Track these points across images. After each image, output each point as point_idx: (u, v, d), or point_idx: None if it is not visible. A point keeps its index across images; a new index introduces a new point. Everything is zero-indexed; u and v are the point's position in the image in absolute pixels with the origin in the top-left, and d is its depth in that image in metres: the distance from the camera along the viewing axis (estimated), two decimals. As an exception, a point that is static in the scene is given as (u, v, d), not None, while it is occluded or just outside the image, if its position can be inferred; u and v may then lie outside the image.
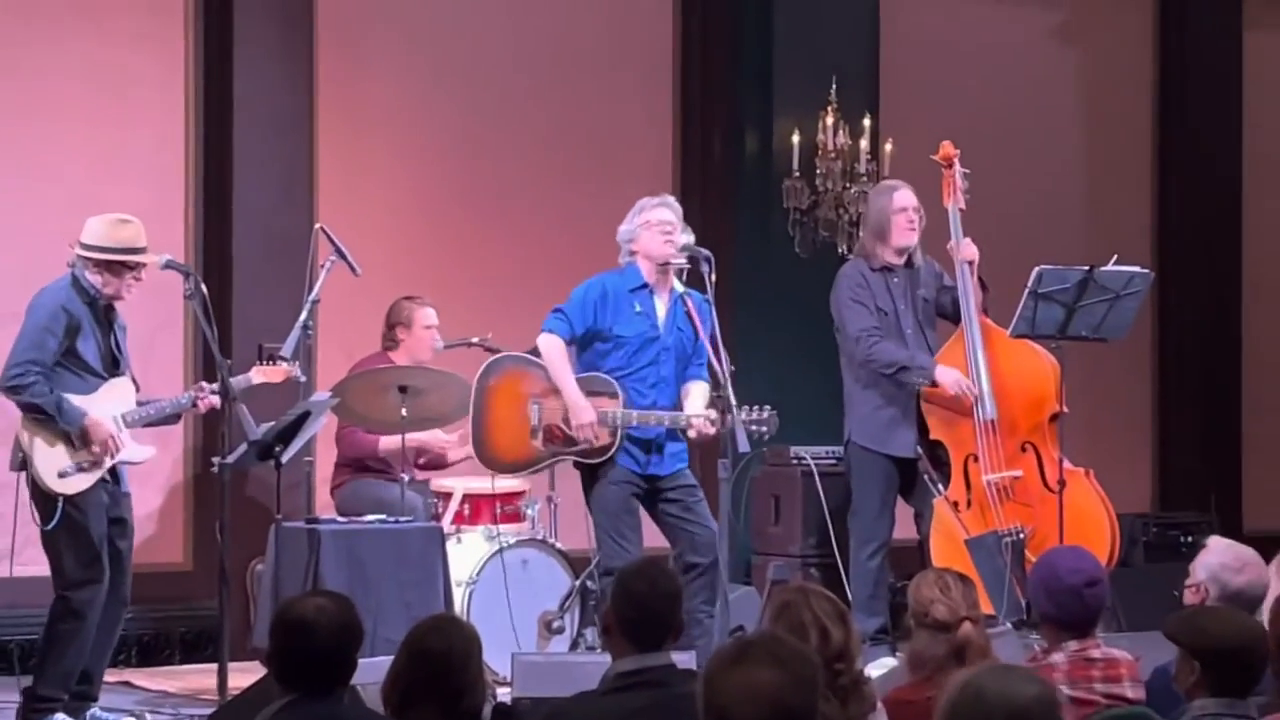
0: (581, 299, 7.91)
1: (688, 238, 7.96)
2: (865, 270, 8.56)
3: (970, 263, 8.54)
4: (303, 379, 8.09)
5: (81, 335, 7.34)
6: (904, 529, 8.72)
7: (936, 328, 8.67)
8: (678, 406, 7.95)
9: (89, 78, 9.14)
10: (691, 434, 7.88)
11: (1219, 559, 5.61)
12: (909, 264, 8.57)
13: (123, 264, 7.38)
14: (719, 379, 7.62)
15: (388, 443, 8.66)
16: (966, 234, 8.63)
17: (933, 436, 8.52)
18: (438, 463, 9.07)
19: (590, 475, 7.95)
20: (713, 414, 7.73)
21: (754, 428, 7.76)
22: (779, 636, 3.43)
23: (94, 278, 7.38)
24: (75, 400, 7.32)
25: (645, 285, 7.94)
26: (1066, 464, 8.46)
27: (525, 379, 8.01)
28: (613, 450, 7.84)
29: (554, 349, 7.90)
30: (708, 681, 3.33)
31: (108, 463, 7.39)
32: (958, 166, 8.70)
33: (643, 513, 8.00)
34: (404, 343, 8.93)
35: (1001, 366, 8.52)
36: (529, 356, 8.08)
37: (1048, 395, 8.53)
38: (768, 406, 7.80)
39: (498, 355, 8.26)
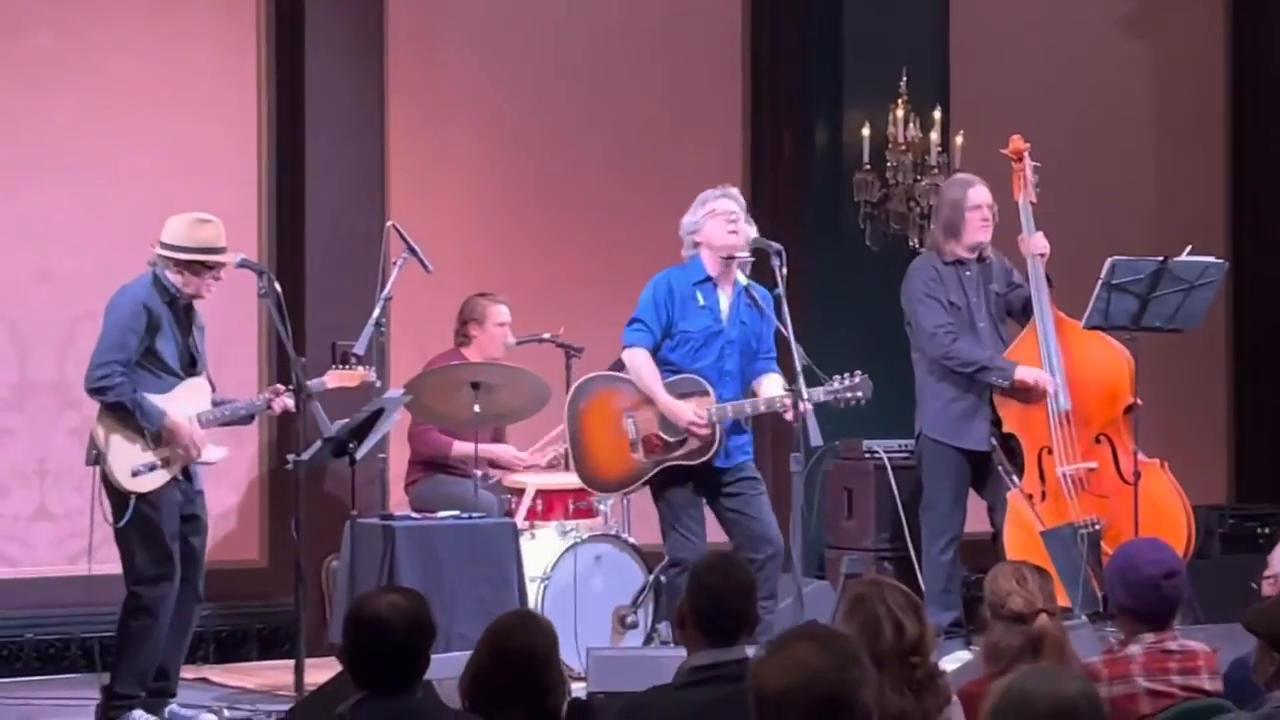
0: (652, 301, 7.90)
1: (751, 229, 7.96)
2: (938, 264, 8.54)
3: (1041, 256, 8.51)
4: (378, 384, 8.13)
5: (161, 334, 7.39)
6: (976, 522, 8.69)
7: (1006, 321, 8.64)
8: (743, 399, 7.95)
9: (163, 79, 9.20)
10: (789, 415, 7.80)
11: (1299, 550, 5.59)
12: (981, 258, 8.55)
13: (202, 264, 7.42)
14: (795, 371, 7.61)
15: (461, 448, 8.69)
16: (1038, 227, 8.60)
17: (1006, 429, 8.49)
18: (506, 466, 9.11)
19: (657, 472, 7.95)
20: (799, 387, 7.70)
21: (848, 394, 7.77)
22: (826, 626, 3.47)
23: (174, 277, 7.43)
24: (154, 400, 7.37)
25: (709, 278, 7.93)
26: (1141, 456, 8.42)
27: (615, 395, 8.00)
28: (716, 447, 7.82)
29: (640, 362, 7.89)
30: (753, 665, 3.38)
31: (184, 462, 7.43)
32: (1028, 160, 8.67)
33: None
34: (476, 339, 8.96)
35: (1075, 359, 8.49)
36: (613, 373, 8.07)
37: (1122, 388, 8.50)
38: (858, 371, 7.79)
39: (583, 378, 8.21)
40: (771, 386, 7.91)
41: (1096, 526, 8.28)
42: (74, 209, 9.01)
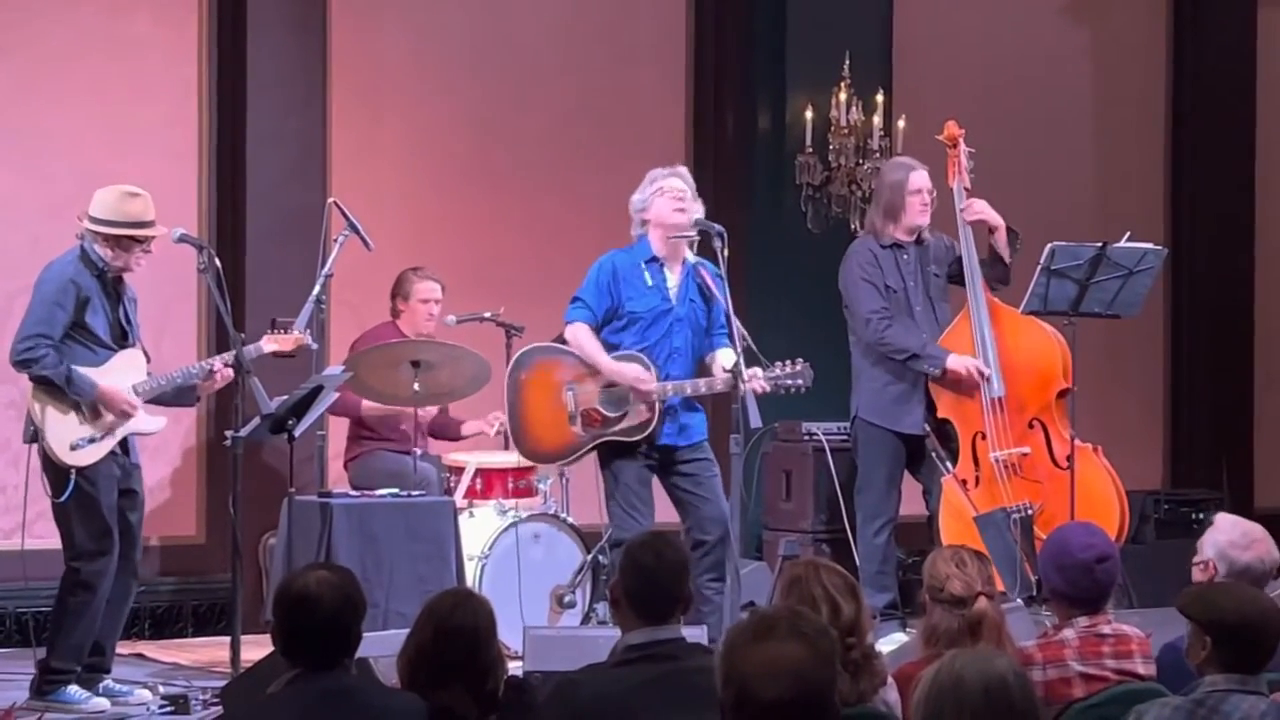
0: (595, 281, 7.89)
1: (699, 208, 7.95)
2: (875, 248, 8.55)
3: (976, 221, 8.53)
4: (314, 346, 8.09)
5: (90, 308, 7.34)
6: (911, 505, 8.73)
7: (949, 300, 8.67)
8: (695, 376, 7.95)
9: (102, 52, 9.14)
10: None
11: (1226, 536, 5.62)
12: (919, 241, 8.58)
13: (131, 238, 7.38)
14: (736, 352, 7.62)
15: (368, 407, 8.69)
16: (979, 210, 8.64)
17: (941, 415, 8.51)
18: (450, 433, 9.11)
19: (606, 446, 7.94)
20: (750, 370, 7.70)
21: (788, 381, 7.78)
22: (800, 611, 3.45)
23: (103, 251, 7.38)
24: (85, 372, 7.32)
25: (656, 258, 7.93)
26: (1077, 440, 8.46)
27: (556, 367, 7.97)
28: (653, 426, 7.82)
29: (582, 335, 7.86)
30: (728, 655, 3.34)
31: (120, 433, 7.39)
32: (963, 146, 8.70)
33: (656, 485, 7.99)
34: (404, 314, 9.00)
35: (1008, 344, 8.52)
36: (556, 345, 8.04)
37: (1054, 373, 8.53)
38: (800, 359, 7.81)
39: (525, 349, 8.17)
40: (723, 361, 7.90)
41: (1029, 511, 8.32)
42: (9, 183, 8.95)
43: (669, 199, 7.86)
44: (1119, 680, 5.01)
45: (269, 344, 7.85)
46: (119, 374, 7.41)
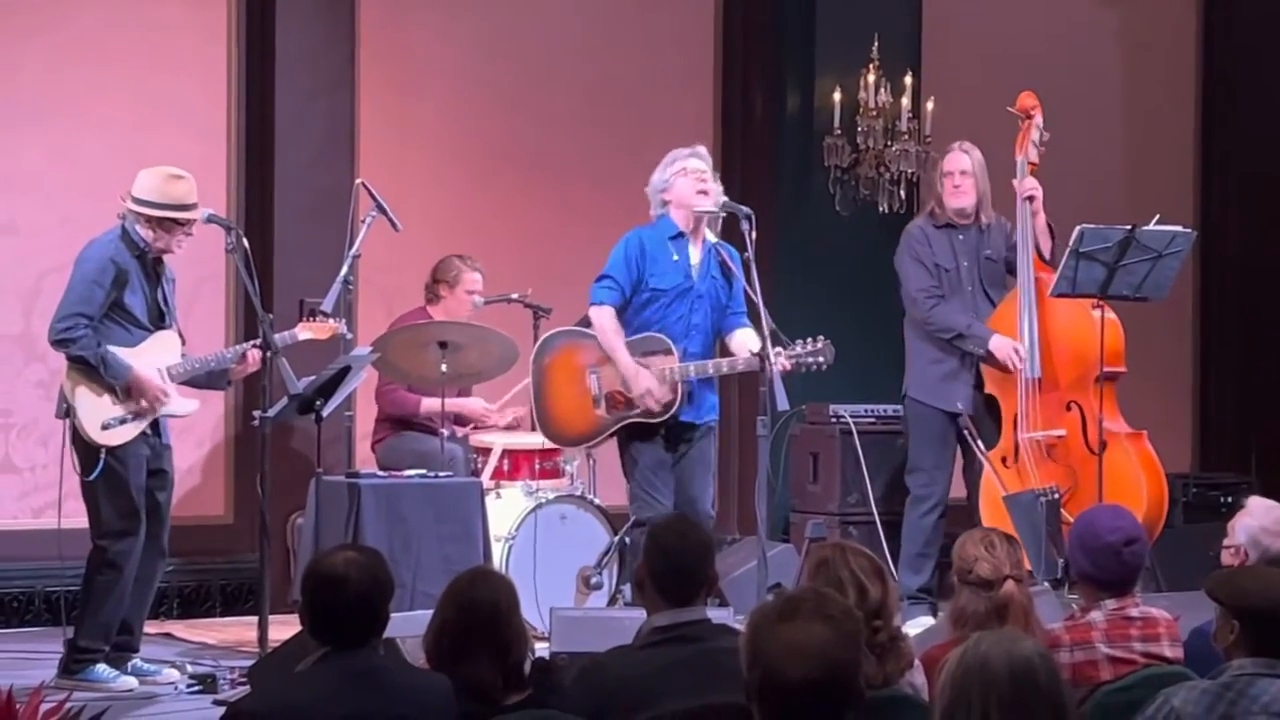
0: (623, 258, 7.90)
1: (718, 187, 7.97)
2: (928, 228, 8.66)
3: (1030, 199, 8.56)
4: (349, 336, 8.11)
5: (129, 288, 7.35)
6: (960, 487, 8.74)
7: (1006, 286, 8.68)
8: (711, 354, 7.96)
9: (132, 32, 9.15)
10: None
11: (1259, 522, 5.61)
12: (977, 224, 8.62)
13: (174, 220, 7.38)
14: (763, 335, 7.62)
15: (429, 404, 8.69)
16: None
17: (987, 390, 8.59)
18: (466, 422, 9.10)
19: (626, 428, 7.95)
20: (766, 351, 7.72)
21: (809, 359, 7.79)
22: (825, 593, 3.45)
23: (144, 232, 7.38)
24: (121, 354, 7.33)
25: (680, 234, 7.93)
26: (1121, 426, 8.48)
27: (579, 351, 7.99)
28: (676, 407, 7.83)
29: (606, 320, 7.87)
30: (754, 636, 3.35)
31: (152, 415, 7.41)
32: (1037, 119, 8.73)
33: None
34: (445, 300, 8.96)
35: (1050, 325, 8.55)
36: (579, 329, 8.06)
37: (1090, 355, 8.52)
38: (821, 337, 7.81)
39: (548, 333, 8.21)
40: (743, 342, 7.90)
41: (1056, 494, 8.31)
42: (41, 161, 8.97)
43: (691, 179, 7.88)
44: (1146, 663, 5.00)
45: (304, 332, 7.85)
46: (152, 355, 7.41)
